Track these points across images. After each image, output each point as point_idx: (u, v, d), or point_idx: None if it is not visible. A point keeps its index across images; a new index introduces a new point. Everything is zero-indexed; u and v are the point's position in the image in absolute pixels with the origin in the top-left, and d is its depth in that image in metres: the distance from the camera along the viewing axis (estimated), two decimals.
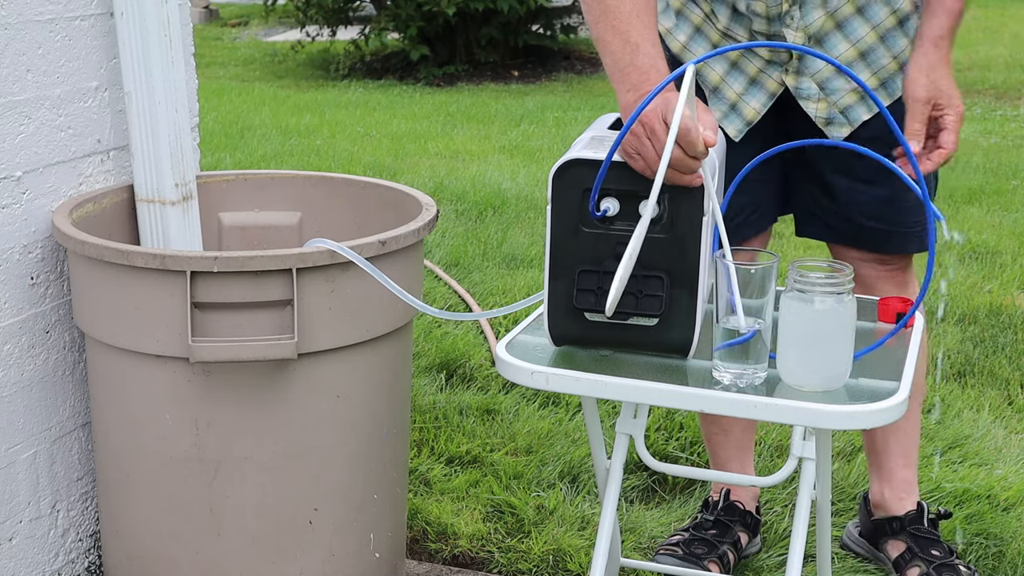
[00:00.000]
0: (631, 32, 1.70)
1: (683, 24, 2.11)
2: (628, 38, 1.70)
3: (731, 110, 2.11)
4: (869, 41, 2.04)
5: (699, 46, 2.10)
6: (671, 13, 2.13)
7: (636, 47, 1.70)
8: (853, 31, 2.03)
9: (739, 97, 2.09)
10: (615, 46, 1.71)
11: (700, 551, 2.33)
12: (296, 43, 9.91)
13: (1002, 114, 7.63)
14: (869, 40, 2.04)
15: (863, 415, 1.48)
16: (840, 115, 2.08)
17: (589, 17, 1.79)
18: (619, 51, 1.71)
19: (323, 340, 1.86)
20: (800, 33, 2.02)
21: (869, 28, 2.03)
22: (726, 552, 2.35)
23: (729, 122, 2.11)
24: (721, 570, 2.32)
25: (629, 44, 1.70)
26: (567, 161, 1.57)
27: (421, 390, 3.11)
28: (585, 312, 1.60)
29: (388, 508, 2.07)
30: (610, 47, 1.72)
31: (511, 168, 5.75)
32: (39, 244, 2.05)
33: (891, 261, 2.21)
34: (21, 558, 2.10)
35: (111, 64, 2.14)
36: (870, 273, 2.20)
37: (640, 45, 1.70)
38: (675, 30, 2.12)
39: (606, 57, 1.74)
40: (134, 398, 1.91)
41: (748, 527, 2.43)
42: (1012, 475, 2.72)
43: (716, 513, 2.41)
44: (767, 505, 2.59)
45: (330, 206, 2.31)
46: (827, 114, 2.08)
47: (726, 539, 2.37)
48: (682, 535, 2.39)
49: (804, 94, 2.07)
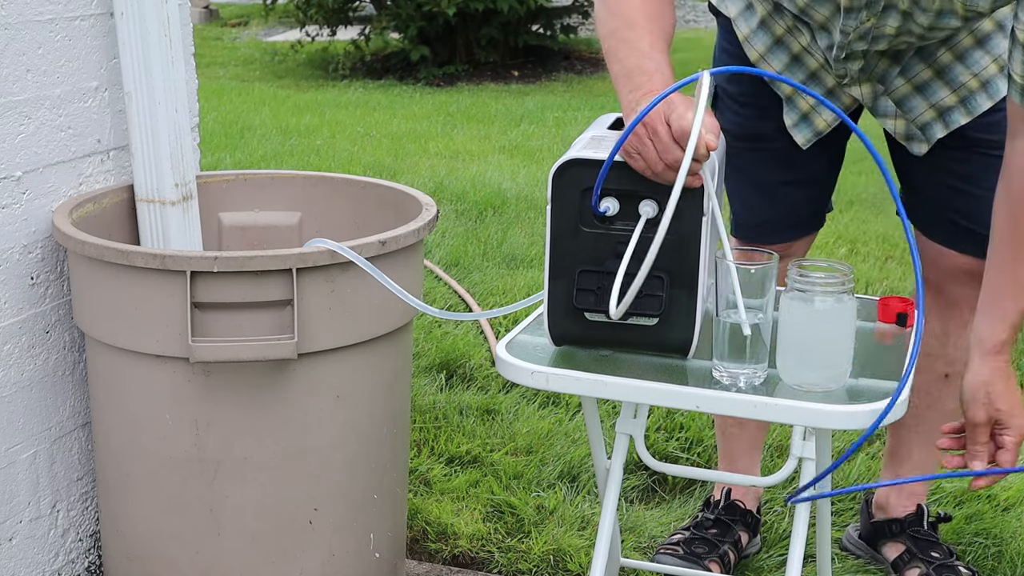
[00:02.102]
0: (641, 42, 1.72)
1: (763, 33, 2.07)
2: (637, 46, 1.71)
3: (802, 120, 2.10)
4: (945, 60, 1.98)
5: (776, 59, 2.07)
6: (753, 20, 2.08)
7: (643, 53, 1.71)
8: (930, 55, 1.99)
9: (812, 108, 2.08)
10: (623, 53, 1.72)
11: (701, 550, 2.33)
12: (296, 42, 9.91)
13: None
14: (944, 59, 1.98)
15: (863, 415, 1.48)
16: (919, 132, 2.04)
17: (602, 30, 1.79)
18: (627, 57, 1.72)
19: (323, 340, 1.86)
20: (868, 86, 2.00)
21: (946, 48, 1.98)
22: (727, 551, 2.35)
23: (799, 131, 2.11)
24: (722, 569, 2.32)
25: (636, 51, 1.71)
26: (567, 161, 1.57)
27: (421, 390, 3.11)
28: (585, 312, 1.60)
29: (388, 508, 2.07)
30: (619, 55, 1.73)
31: (511, 168, 5.75)
32: (39, 244, 2.05)
33: None
34: (21, 558, 2.10)
35: (111, 64, 2.14)
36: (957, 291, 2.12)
37: (648, 52, 1.71)
38: (753, 38, 2.09)
39: (614, 65, 1.74)
40: (134, 398, 1.91)
41: (749, 527, 2.43)
42: (1012, 475, 2.72)
43: (717, 512, 2.41)
44: (767, 505, 2.59)
45: (330, 206, 2.31)
46: (905, 131, 2.05)
47: (727, 538, 2.37)
48: (683, 534, 2.39)
49: (880, 112, 2.05)
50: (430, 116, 7.37)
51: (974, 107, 2.00)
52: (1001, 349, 1.72)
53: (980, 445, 1.75)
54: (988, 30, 1.97)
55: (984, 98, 2.00)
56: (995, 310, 1.73)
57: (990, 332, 1.73)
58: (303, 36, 9.94)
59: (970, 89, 1.99)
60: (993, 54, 1.98)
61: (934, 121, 2.03)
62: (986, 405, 1.72)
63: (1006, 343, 1.72)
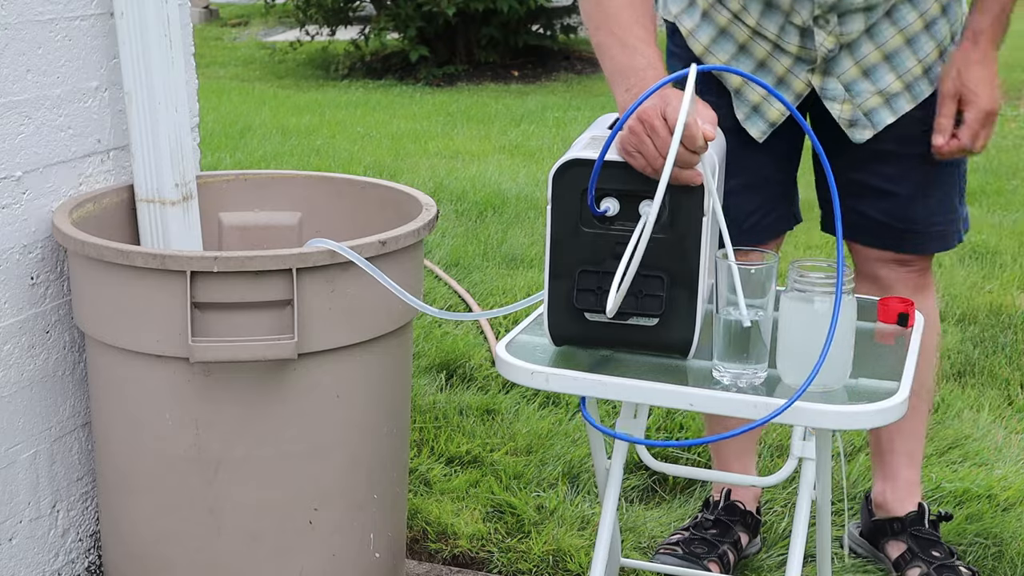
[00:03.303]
0: (629, 37, 1.75)
1: (707, 25, 2.08)
2: (626, 42, 1.74)
3: (753, 112, 2.09)
4: (894, 44, 2.03)
5: (722, 49, 2.08)
6: (695, 14, 2.10)
7: (634, 49, 1.73)
8: (880, 34, 2.03)
9: (763, 99, 2.08)
10: (615, 51, 1.76)
11: (700, 550, 2.33)
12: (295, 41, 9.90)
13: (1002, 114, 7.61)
14: (894, 43, 2.03)
15: (863, 415, 1.48)
16: (864, 117, 2.07)
17: (590, 24, 1.82)
18: (618, 55, 1.75)
19: (323, 340, 1.86)
20: (832, 37, 2.01)
21: (896, 31, 2.03)
22: (726, 552, 2.35)
23: (752, 124, 2.10)
24: (721, 570, 2.32)
25: (627, 47, 1.74)
26: (567, 161, 1.57)
27: (421, 390, 3.11)
28: (585, 312, 1.60)
29: (388, 508, 2.07)
30: (610, 51, 1.77)
31: (511, 168, 5.75)
32: (39, 244, 2.05)
33: (910, 262, 2.20)
34: (21, 558, 2.10)
35: (111, 64, 2.14)
36: (888, 275, 2.21)
37: (638, 47, 1.73)
38: (697, 31, 2.10)
39: (606, 62, 1.78)
40: (134, 398, 1.91)
41: (748, 527, 2.42)
42: (1012, 475, 2.72)
43: (717, 513, 2.41)
44: (767, 505, 2.59)
45: (330, 206, 2.31)
46: (851, 116, 2.07)
47: (726, 539, 2.37)
48: (682, 534, 2.39)
49: (830, 95, 2.06)
50: (430, 116, 7.37)
51: (918, 93, 2.07)
52: (976, 38, 1.98)
53: (944, 118, 2.01)
54: (935, 15, 2.04)
55: (926, 84, 2.07)
56: (982, 4, 1.99)
57: (974, 19, 2.01)
58: (303, 36, 9.94)
59: (914, 75, 2.06)
60: (937, 39, 2.05)
61: (881, 107, 2.06)
62: (955, 80, 1.98)
63: (982, 32, 1.98)
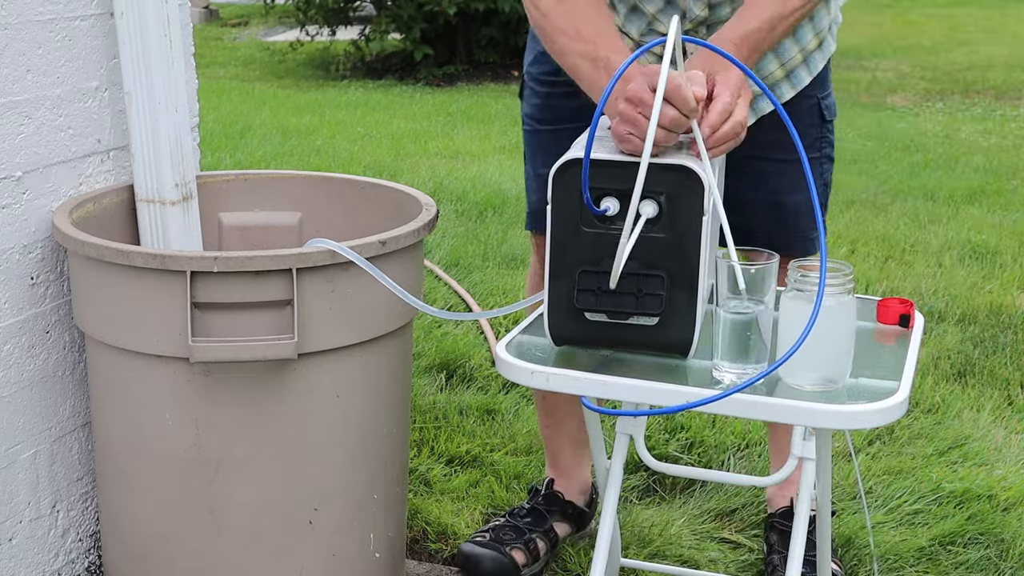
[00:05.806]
0: (598, 51, 1.79)
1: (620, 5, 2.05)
2: (596, 56, 1.79)
3: None
4: None
5: (634, 26, 2.04)
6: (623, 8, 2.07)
7: (607, 59, 1.77)
8: None
9: None
10: (586, 71, 1.81)
11: (507, 537, 2.36)
12: (295, 41, 9.90)
13: (1002, 114, 7.64)
14: None
15: (863, 415, 1.48)
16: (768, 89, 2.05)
17: (554, 49, 1.87)
18: (590, 72, 1.79)
19: (323, 340, 1.86)
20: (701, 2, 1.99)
21: None
22: (534, 539, 2.37)
23: None
24: (527, 557, 2.35)
25: (599, 60, 1.78)
26: (567, 161, 1.57)
27: (421, 390, 3.11)
28: (585, 312, 1.60)
29: (388, 508, 2.07)
30: (582, 72, 1.82)
31: (511, 168, 5.75)
32: (39, 244, 2.05)
33: None
34: (21, 558, 2.10)
35: (111, 64, 2.14)
36: None
37: (610, 56, 1.77)
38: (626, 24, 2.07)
39: (582, 82, 1.83)
40: (134, 398, 1.91)
41: (569, 518, 2.45)
42: (1012, 475, 2.72)
43: (535, 502, 2.45)
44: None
45: (330, 206, 2.31)
46: None
47: (537, 528, 2.40)
48: (497, 520, 2.43)
49: None
50: (430, 116, 7.37)
51: (798, 82, 2.08)
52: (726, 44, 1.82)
53: None
54: None
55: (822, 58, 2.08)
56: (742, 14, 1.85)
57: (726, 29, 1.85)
58: (303, 36, 9.94)
59: (808, 51, 2.07)
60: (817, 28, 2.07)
61: (782, 81, 2.07)
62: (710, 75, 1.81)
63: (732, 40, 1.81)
